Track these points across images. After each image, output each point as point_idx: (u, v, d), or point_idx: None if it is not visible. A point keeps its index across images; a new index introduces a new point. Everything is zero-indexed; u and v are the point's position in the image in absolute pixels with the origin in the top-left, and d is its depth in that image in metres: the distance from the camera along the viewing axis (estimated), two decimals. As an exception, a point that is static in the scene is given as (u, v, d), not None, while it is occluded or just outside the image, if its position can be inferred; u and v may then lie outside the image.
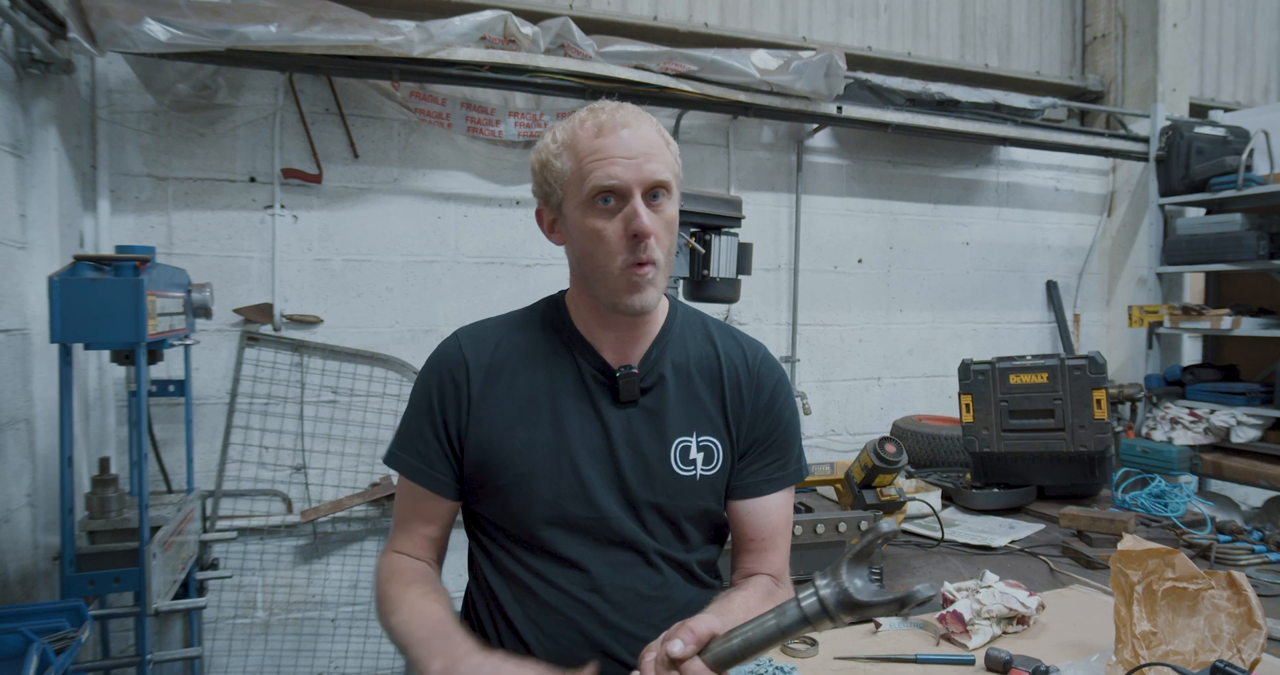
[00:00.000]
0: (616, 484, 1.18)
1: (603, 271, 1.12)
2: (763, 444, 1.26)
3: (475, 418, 1.19)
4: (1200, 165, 3.72)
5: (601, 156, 1.09)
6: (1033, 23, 4.32)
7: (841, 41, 3.81)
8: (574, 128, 1.13)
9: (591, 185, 1.09)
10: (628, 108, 1.15)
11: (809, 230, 3.70)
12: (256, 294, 2.79)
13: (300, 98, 2.81)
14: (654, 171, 1.10)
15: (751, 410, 1.25)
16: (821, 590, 0.87)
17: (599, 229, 1.10)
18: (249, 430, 2.75)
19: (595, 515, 1.17)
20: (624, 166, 1.08)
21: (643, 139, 1.11)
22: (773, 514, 1.25)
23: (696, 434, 1.21)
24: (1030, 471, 2.64)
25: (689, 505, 1.21)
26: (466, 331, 1.26)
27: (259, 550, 2.78)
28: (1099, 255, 4.36)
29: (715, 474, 1.22)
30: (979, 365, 2.71)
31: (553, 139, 1.15)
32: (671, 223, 1.14)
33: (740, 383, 1.26)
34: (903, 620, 1.72)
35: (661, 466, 1.19)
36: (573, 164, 1.12)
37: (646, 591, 1.18)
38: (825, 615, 0.87)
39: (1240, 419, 3.56)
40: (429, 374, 1.24)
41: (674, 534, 1.21)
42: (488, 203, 3.10)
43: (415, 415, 1.23)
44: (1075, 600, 1.84)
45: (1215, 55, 4.84)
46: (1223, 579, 1.45)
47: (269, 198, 2.81)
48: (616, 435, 1.18)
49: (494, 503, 1.20)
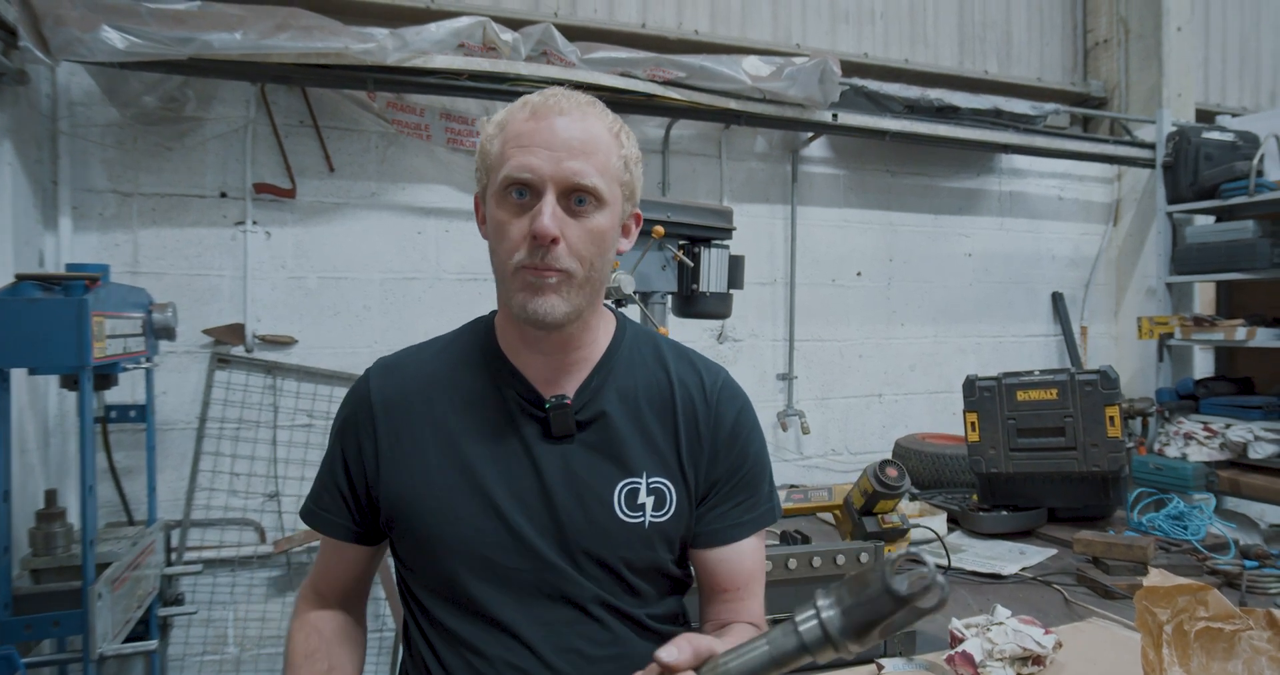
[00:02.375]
0: (552, 531, 1.02)
1: (501, 270, 1.00)
2: (726, 484, 1.10)
3: (386, 460, 1.06)
4: (1210, 171, 3.60)
5: (523, 143, 0.96)
6: (1033, 28, 4.22)
7: (837, 48, 3.72)
8: (513, 108, 1.01)
9: (503, 174, 0.96)
10: (576, 96, 1.01)
11: (805, 243, 3.58)
12: (227, 314, 2.67)
13: (273, 110, 2.71)
14: (575, 171, 0.95)
15: (711, 447, 1.09)
16: (823, 611, 0.71)
17: (503, 222, 0.97)
18: (219, 456, 2.62)
19: (528, 567, 1.02)
20: (543, 159, 0.95)
21: (579, 132, 0.96)
22: (746, 559, 1.10)
23: (646, 475, 1.05)
24: (1040, 493, 2.51)
25: (636, 557, 1.05)
26: (380, 364, 1.14)
27: (229, 583, 2.64)
28: (1105, 265, 4.23)
29: (667, 520, 1.05)
30: (985, 381, 2.58)
31: (493, 121, 1.02)
32: (597, 234, 0.98)
33: (697, 415, 1.09)
34: (908, 662, 1.58)
35: (603, 512, 1.03)
36: (499, 148, 0.99)
37: (593, 652, 1.02)
38: (827, 642, 0.70)
39: (1257, 434, 3.41)
40: (338, 414, 1.13)
41: (621, 588, 1.05)
42: (469, 217, 2.99)
43: (324, 460, 1.14)
44: (1094, 636, 1.70)
45: (1220, 60, 4.74)
46: (1261, 618, 1.31)
47: (240, 214, 2.70)
48: (550, 475, 1.03)
49: (415, 553, 1.07)
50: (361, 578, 1.18)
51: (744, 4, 3.59)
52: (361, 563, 1.16)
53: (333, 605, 1.16)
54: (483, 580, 1.02)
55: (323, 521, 1.12)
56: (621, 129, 1.03)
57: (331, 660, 1.09)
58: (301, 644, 1.10)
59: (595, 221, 0.98)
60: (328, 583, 1.16)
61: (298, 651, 1.09)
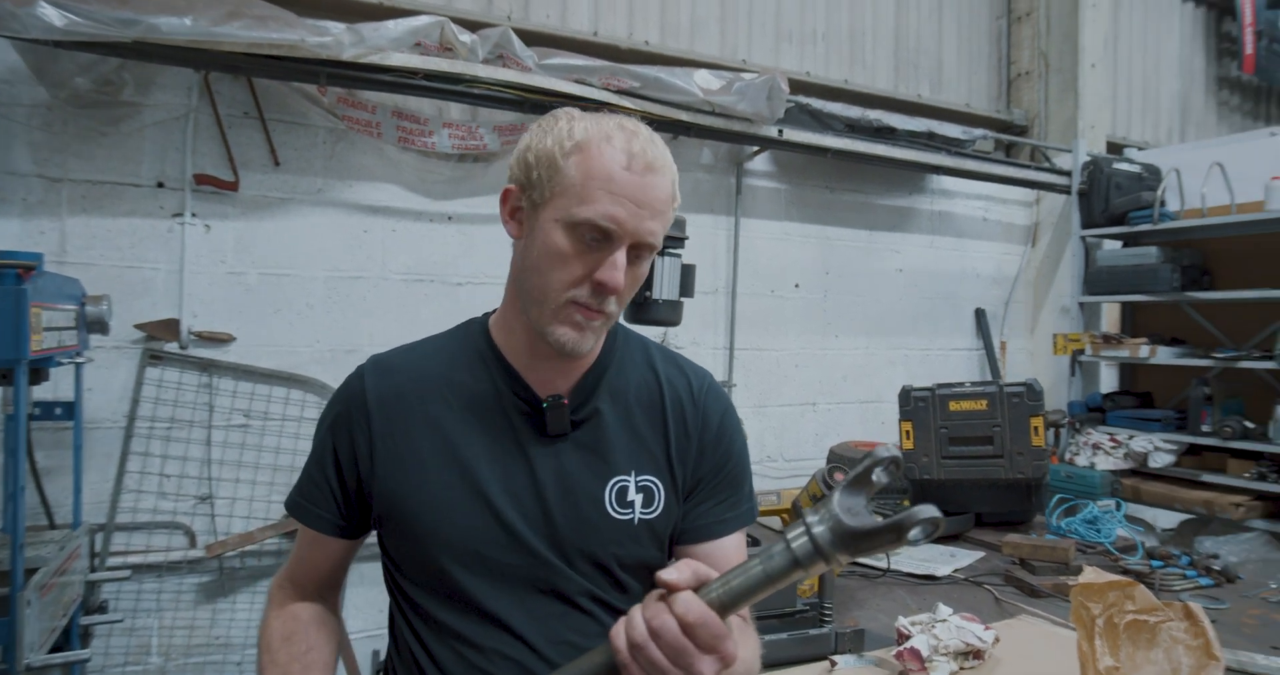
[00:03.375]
0: (545, 528, 1.05)
1: (545, 293, 1.00)
2: (711, 481, 1.14)
3: (380, 457, 1.07)
4: (1119, 200, 3.86)
5: (615, 191, 0.96)
6: (962, 57, 4.45)
7: (780, 66, 3.83)
8: (599, 138, 0.99)
9: (586, 216, 0.96)
10: (660, 146, 1.02)
11: (747, 254, 3.67)
12: (161, 309, 2.57)
13: (216, 99, 2.62)
14: (651, 231, 0.99)
15: (698, 446, 1.13)
16: (813, 527, 0.74)
17: (566, 254, 0.98)
18: (149, 457, 2.51)
19: (520, 563, 1.04)
20: (630, 214, 0.97)
21: (661, 193, 0.99)
22: (730, 556, 1.13)
23: (635, 473, 1.08)
24: (969, 498, 2.64)
25: (626, 553, 1.08)
26: (375, 361, 1.14)
27: (156, 589, 2.53)
28: (1024, 284, 4.48)
29: (656, 517, 1.09)
30: (920, 392, 2.70)
31: (569, 132, 0.99)
32: (638, 281, 1.03)
33: (685, 415, 1.13)
34: (859, 658, 1.65)
35: (595, 509, 1.06)
36: (578, 175, 0.97)
37: (584, 644, 1.04)
38: (819, 555, 0.73)
39: (1157, 445, 3.66)
40: (329, 409, 1.14)
41: (610, 583, 1.08)
42: (418, 217, 2.96)
43: (312, 453, 1.14)
44: (1025, 632, 1.81)
45: (1126, 97, 5.09)
46: (1180, 610, 1.43)
47: (179, 205, 2.60)
48: (543, 473, 1.05)
49: (406, 549, 1.07)
50: (340, 570, 1.19)
51: (693, 18, 3.66)
52: (342, 556, 1.17)
53: (310, 596, 1.17)
54: (475, 575, 1.04)
55: (309, 515, 1.12)
56: (676, 181, 1.05)
57: (309, 642, 1.10)
58: (279, 629, 1.11)
59: (642, 271, 1.03)
60: (305, 574, 1.17)
61: (275, 636, 1.10)
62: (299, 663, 1.07)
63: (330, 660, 1.12)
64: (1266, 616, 1.93)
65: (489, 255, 3.04)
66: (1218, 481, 3.54)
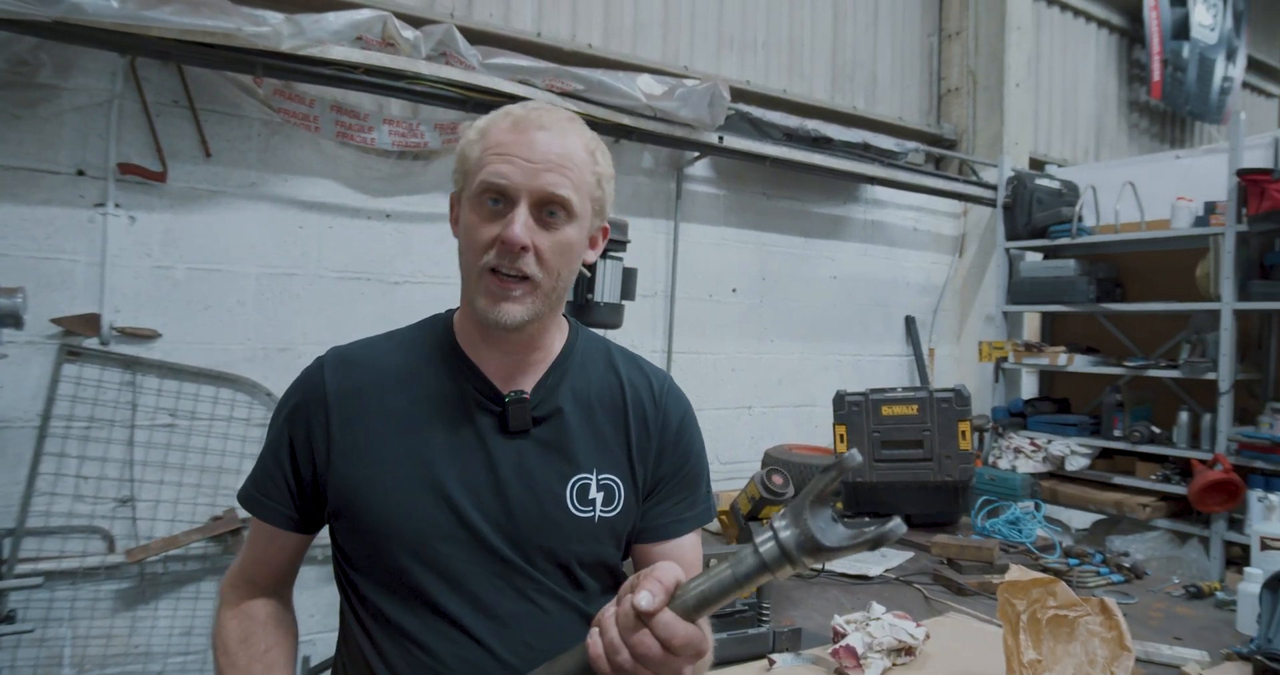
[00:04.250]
0: (504, 524, 1.04)
1: (468, 271, 1.04)
2: (671, 481, 1.16)
3: (337, 450, 1.06)
4: (1041, 214, 4.05)
5: (502, 152, 1.00)
6: (895, 71, 4.59)
7: (721, 73, 3.88)
8: (495, 117, 1.04)
9: (480, 180, 1.00)
10: (557, 111, 1.05)
11: (686, 258, 3.70)
12: (81, 303, 2.45)
13: (143, 85, 2.51)
14: (551, 183, 0.99)
15: (658, 445, 1.15)
16: (781, 533, 0.77)
17: (475, 226, 1.01)
18: (64, 458, 2.39)
19: (479, 560, 1.04)
20: (520, 169, 0.99)
21: (557, 146, 1.00)
22: (688, 553, 1.16)
23: (597, 471, 1.09)
24: (899, 500, 2.71)
25: (586, 551, 1.09)
26: (335, 353, 1.13)
27: (70, 597, 2.41)
28: (951, 293, 4.64)
29: (616, 516, 1.10)
30: (853, 396, 2.77)
31: (477, 126, 1.05)
32: (565, 246, 1.02)
33: (646, 416, 1.15)
34: (796, 656, 1.69)
35: (556, 506, 1.06)
36: (478, 154, 1.02)
37: (540, 644, 1.04)
38: (785, 560, 0.76)
39: (1073, 448, 3.85)
40: (286, 400, 1.12)
41: (569, 582, 1.09)
42: (355, 214, 2.89)
43: (267, 445, 1.13)
44: (954, 628, 1.88)
45: (1047, 116, 5.33)
46: (1096, 605, 1.51)
47: (101, 195, 2.48)
48: (504, 469, 1.05)
49: (361, 544, 1.06)
50: (293, 565, 1.18)
51: (635, 23, 3.69)
52: (296, 550, 1.15)
53: (265, 593, 1.15)
54: (432, 572, 1.03)
55: (265, 509, 1.10)
56: (598, 147, 1.07)
57: (268, 641, 1.09)
58: (235, 630, 1.09)
59: (564, 233, 1.02)
60: (259, 570, 1.15)
61: (232, 637, 1.08)
62: (260, 663, 1.05)
63: (291, 658, 1.11)
64: (1170, 609, 2.05)
65: (427, 254, 3.00)
66: (1128, 483, 3.75)
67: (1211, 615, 2.01)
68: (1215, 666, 1.67)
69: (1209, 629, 1.91)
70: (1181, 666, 1.66)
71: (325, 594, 2.70)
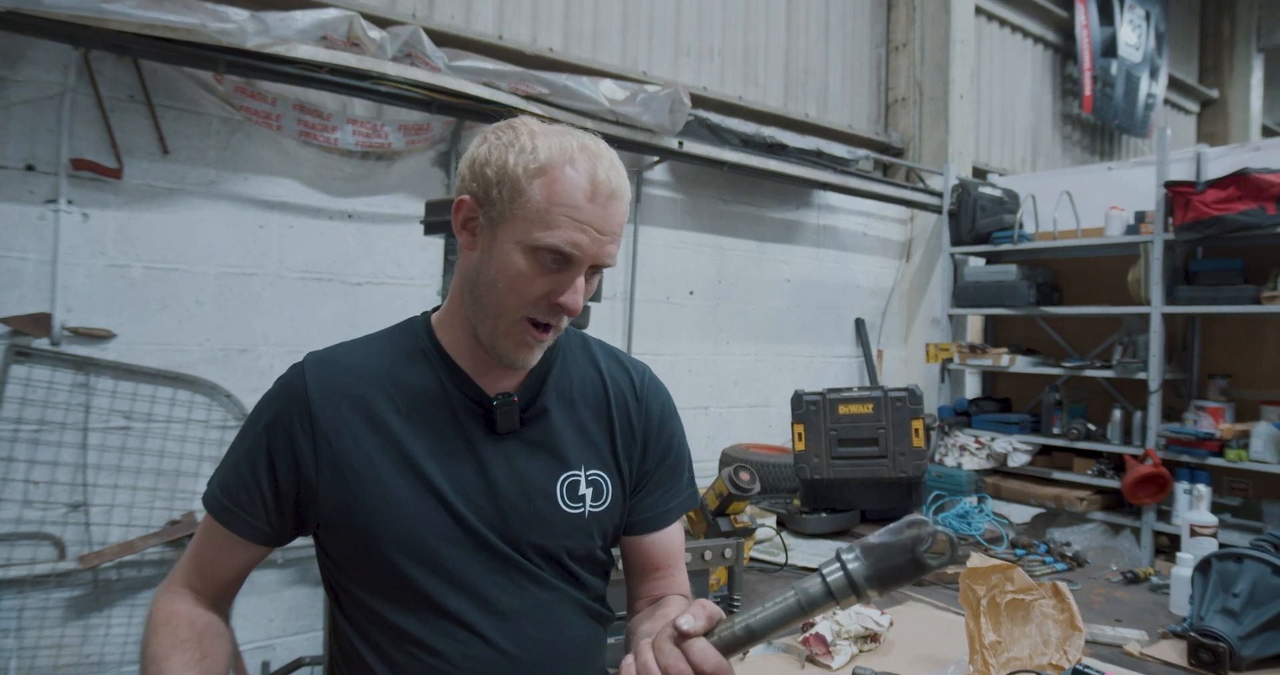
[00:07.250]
0: (498, 524, 1.06)
1: (499, 311, 1.02)
2: (656, 472, 1.20)
3: (324, 459, 1.03)
4: (984, 221, 4.22)
5: (579, 219, 0.98)
6: (846, 81, 4.72)
7: (679, 79, 3.94)
8: (562, 162, 0.98)
9: (550, 243, 0.97)
10: (620, 169, 1.03)
11: (645, 261, 3.76)
12: (31, 302, 2.38)
13: (98, 79, 2.45)
14: (610, 254, 1.01)
15: (642, 439, 1.18)
16: (849, 564, 0.83)
17: (526, 275, 0.99)
18: (12, 462, 2.31)
19: (477, 558, 1.05)
20: (591, 240, 0.98)
21: (619, 217, 1.02)
22: (674, 538, 1.21)
23: (585, 468, 1.12)
24: (855, 496, 2.81)
25: (577, 545, 1.11)
26: (315, 358, 1.11)
27: (17, 606, 2.33)
28: (898, 296, 4.80)
29: (604, 510, 1.12)
30: (811, 396, 2.85)
31: (532, 152, 0.98)
32: (589, 296, 1.05)
33: (629, 410, 1.18)
34: (768, 645, 1.75)
35: (547, 503, 1.08)
36: (541, 199, 0.97)
37: (541, 636, 1.08)
38: (851, 590, 0.82)
39: (1015, 446, 4.02)
40: (264, 408, 1.08)
41: (563, 575, 1.12)
42: (317, 214, 2.87)
43: (240, 450, 1.08)
44: (914, 615, 1.96)
45: (987, 126, 5.55)
46: (1050, 590, 1.61)
47: (52, 191, 2.41)
48: (495, 471, 1.06)
49: (357, 552, 1.05)
50: (244, 576, 1.14)
51: (595, 28, 3.73)
52: (252, 562, 1.12)
53: (206, 602, 1.10)
54: (432, 573, 1.04)
55: (237, 521, 1.06)
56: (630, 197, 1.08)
57: (204, 649, 1.03)
58: (169, 636, 1.02)
59: (594, 284, 1.05)
60: (207, 578, 1.10)
61: (164, 643, 1.01)
62: (193, 671, 0.99)
63: (224, 671, 1.05)
64: (1109, 594, 2.18)
65: (390, 256, 2.99)
66: (1066, 478, 3.93)
67: (1147, 599, 2.14)
68: (1154, 644, 1.78)
69: (1146, 611, 2.03)
70: (1124, 646, 1.77)
71: (286, 598, 2.66)
